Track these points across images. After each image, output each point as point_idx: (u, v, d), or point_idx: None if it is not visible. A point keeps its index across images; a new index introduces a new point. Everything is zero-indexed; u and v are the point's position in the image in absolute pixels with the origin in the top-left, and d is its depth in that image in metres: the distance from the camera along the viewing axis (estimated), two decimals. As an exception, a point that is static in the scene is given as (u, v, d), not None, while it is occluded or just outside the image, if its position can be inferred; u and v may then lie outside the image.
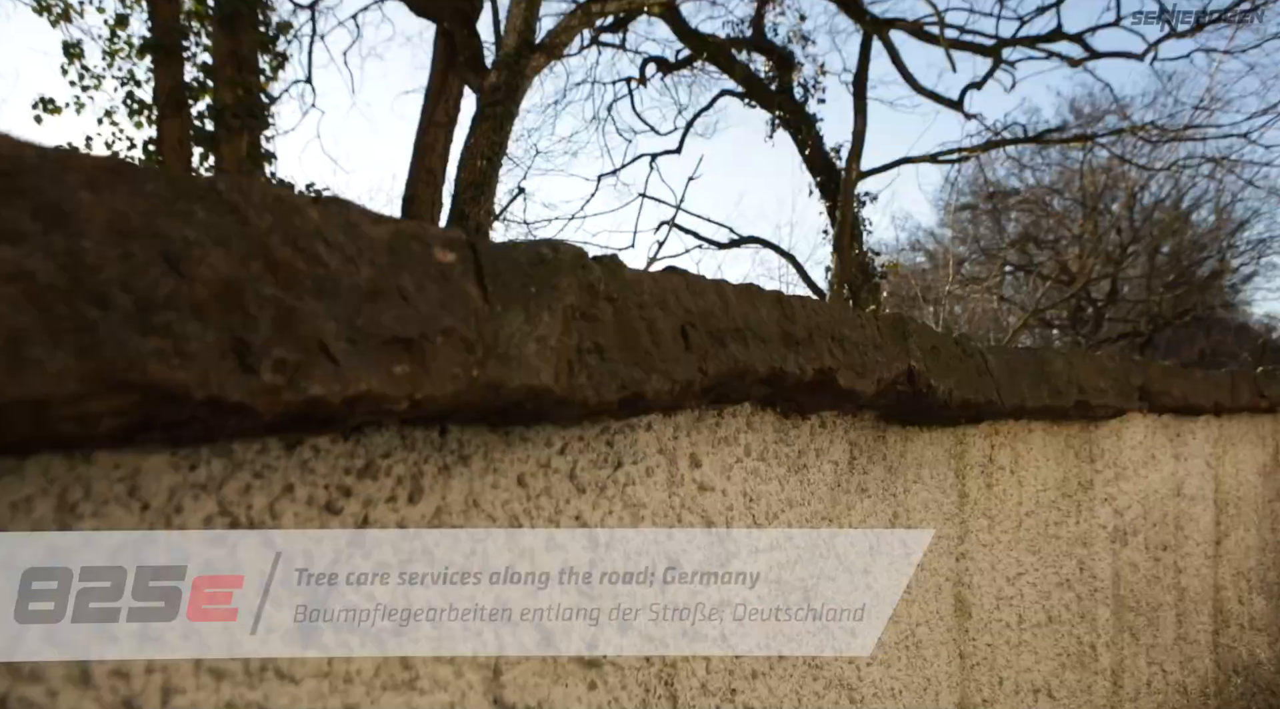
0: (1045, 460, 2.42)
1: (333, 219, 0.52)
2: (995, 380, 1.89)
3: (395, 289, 0.53)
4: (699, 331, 0.79)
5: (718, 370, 0.81)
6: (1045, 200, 29.03)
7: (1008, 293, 28.90)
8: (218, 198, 0.46)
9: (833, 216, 9.02)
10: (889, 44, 7.67)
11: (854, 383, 1.16)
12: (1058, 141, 10.10)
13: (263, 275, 0.47)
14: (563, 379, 0.64)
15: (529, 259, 0.64)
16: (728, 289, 0.87)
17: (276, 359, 0.46)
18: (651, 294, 0.75)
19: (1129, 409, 2.62)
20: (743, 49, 9.95)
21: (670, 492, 0.91)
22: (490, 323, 0.59)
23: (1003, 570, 2.23)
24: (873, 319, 1.24)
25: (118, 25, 6.51)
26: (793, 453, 1.24)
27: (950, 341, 1.53)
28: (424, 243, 0.57)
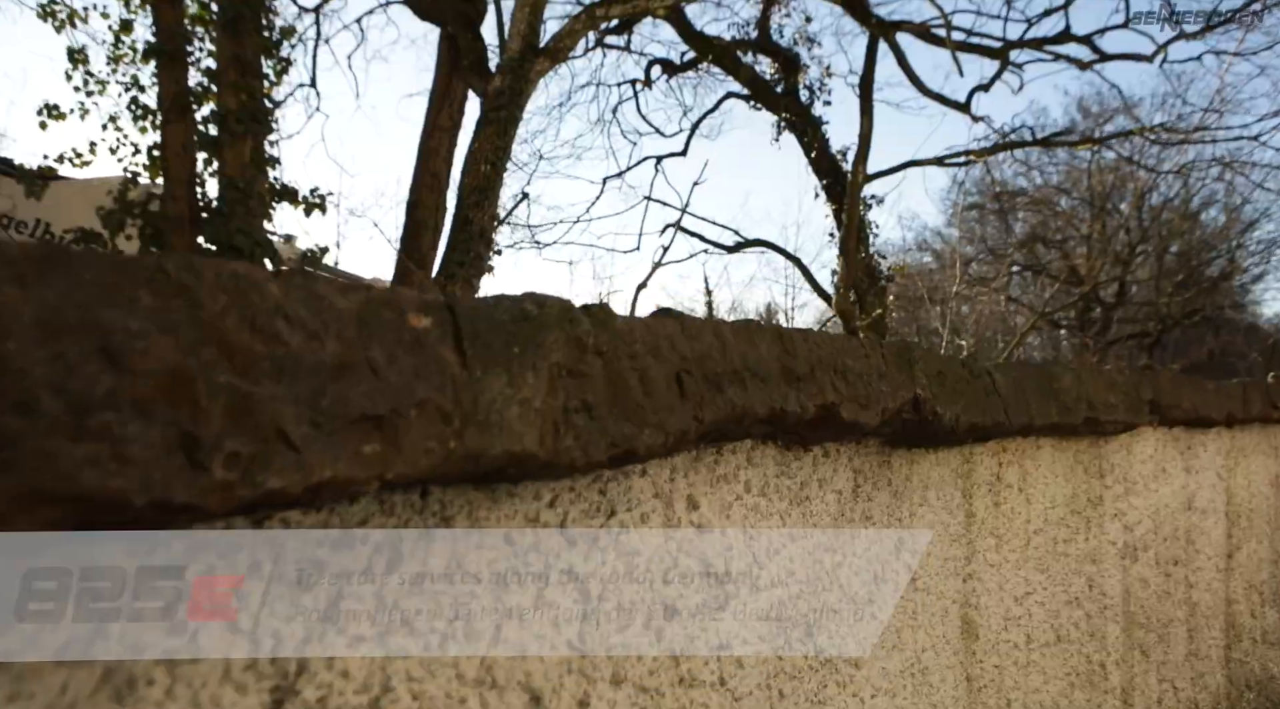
0: (1054, 477, 2.38)
1: (296, 293, 0.49)
2: (1003, 400, 1.85)
3: (364, 363, 0.50)
4: (694, 378, 0.76)
5: (714, 417, 0.78)
6: (1053, 200, 28.92)
7: (1015, 293, 28.80)
8: (166, 280, 0.43)
9: (839, 219, 8.97)
10: (895, 46, 7.63)
11: (857, 415, 1.13)
12: (1066, 144, 10.03)
13: (216, 361, 0.44)
14: (548, 442, 0.61)
15: (512, 316, 0.61)
16: (725, 329, 0.84)
17: (230, 453, 0.43)
18: (644, 342, 0.72)
19: (1139, 424, 2.58)
20: (748, 51, 9.91)
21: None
22: (469, 389, 0.56)
23: (1010, 590, 2.20)
24: (877, 347, 1.21)
25: (122, 31, 6.51)
26: (794, 485, 1.21)
27: (956, 365, 1.50)
28: (397, 310, 0.53)
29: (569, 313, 0.66)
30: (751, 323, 0.89)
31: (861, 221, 8.98)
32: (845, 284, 8.55)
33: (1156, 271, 25.59)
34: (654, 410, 0.71)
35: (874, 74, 8.13)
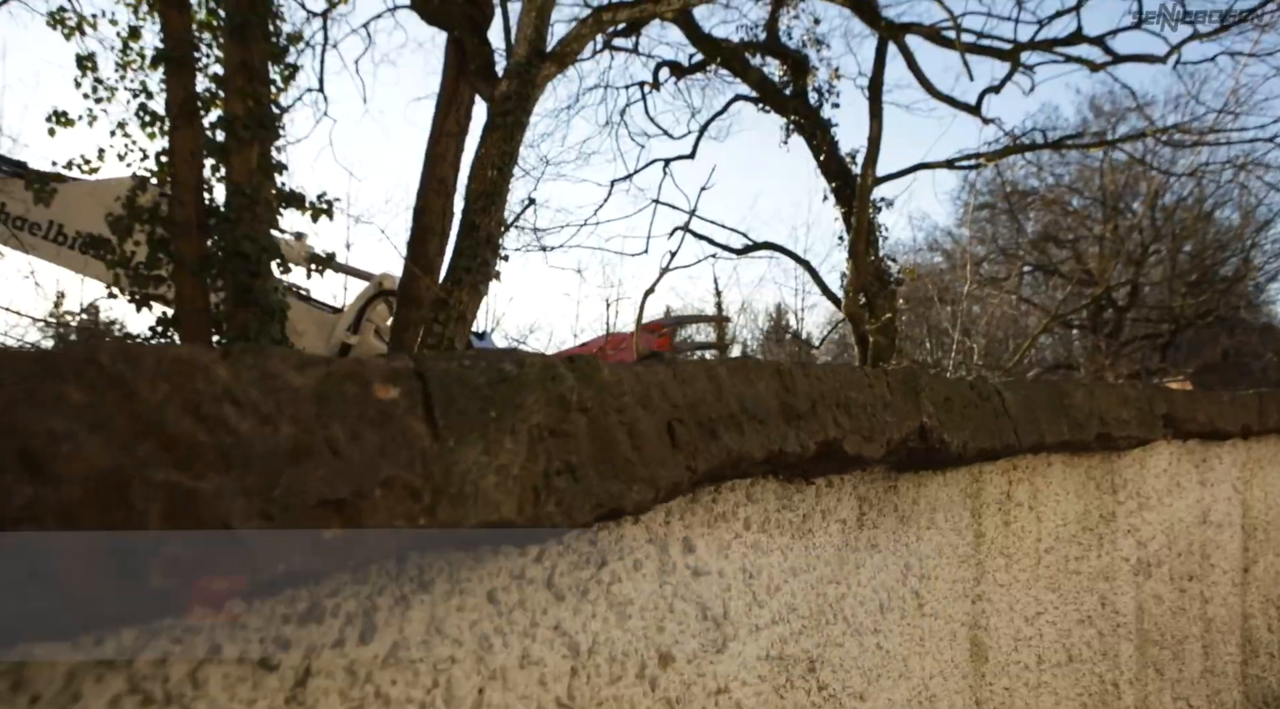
0: (1065, 494, 2.34)
1: (246, 374, 0.46)
2: (1013, 421, 1.81)
3: (324, 443, 0.47)
4: (687, 426, 0.73)
5: (709, 465, 0.75)
6: (1065, 200, 28.73)
7: (1027, 294, 28.64)
8: (99, 372, 0.40)
9: (848, 223, 8.91)
10: (905, 49, 7.55)
11: (861, 448, 1.09)
12: (1078, 147, 9.93)
13: (154, 457, 0.41)
14: (527, 510, 0.58)
15: (489, 378, 0.58)
16: (720, 371, 0.80)
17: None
18: (633, 392, 0.68)
19: (1153, 439, 2.53)
20: (756, 53, 9.84)
21: (661, 581, 0.85)
22: (441, 462, 0.53)
23: (1021, 610, 2.16)
24: (882, 376, 1.17)
25: (130, 37, 6.52)
26: (796, 518, 1.18)
27: (964, 388, 1.46)
28: (361, 382, 0.50)
29: (551, 370, 0.63)
30: (749, 361, 0.86)
31: (871, 225, 8.92)
32: (854, 287, 8.49)
33: (1170, 272, 25.38)
34: (644, 464, 0.68)
35: (883, 77, 8.08)
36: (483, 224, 5.90)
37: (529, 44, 6.13)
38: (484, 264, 5.80)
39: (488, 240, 5.88)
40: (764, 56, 9.93)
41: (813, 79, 9.60)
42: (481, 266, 5.81)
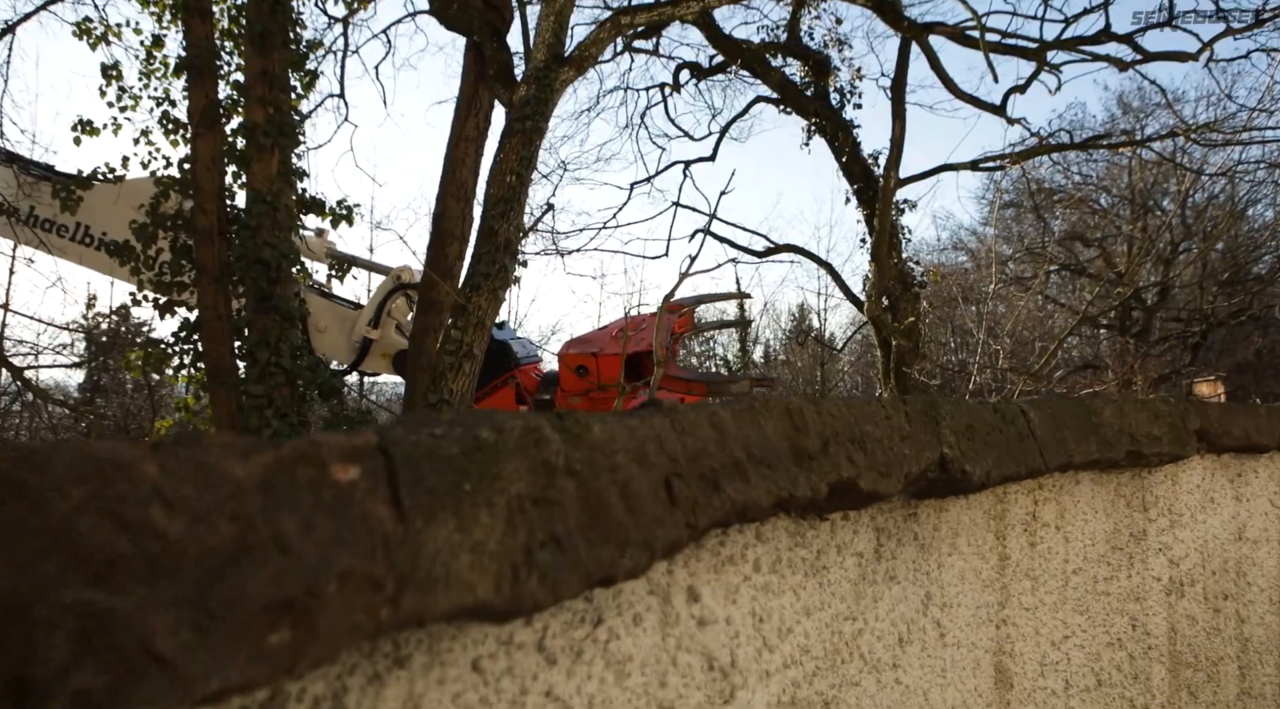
0: (1094, 512, 2.27)
1: (180, 468, 0.42)
2: (1039, 442, 1.75)
3: (270, 540, 0.43)
4: (687, 480, 0.68)
5: (710, 520, 0.70)
6: (1092, 198, 28.30)
7: (1053, 293, 28.26)
8: (1, 482, 0.37)
9: (870, 225, 8.79)
10: (928, 49, 7.43)
11: (876, 485, 1.04)
12: (1106, 147, 9.73)
13: (64, 574, 0.37)
14: (505, 589, 0.53)
15: (464, 448, 0.54)
16: (724, 416, 0.76)
17: (76, 691, 0.36)
18: (627, 449, 0.64)
19: (1185, 456, 2.44)
20: (777, 54, 9.75)
21: (663, 634, 0.81)
22: (407, 546, 0.49)
23: (1047, 634, 2.09)
24: (900, 407, 1.12)
25: (154, 46, 6.58)
26: (810, 555, 1.13)
27: (988, 413, 1.40)
28: (316, 464, 0.46)
29: (535, 433, 0.58)
30: (756, 402, 0.81)
31: (894, 227, 8.80)
32: (877, 291, 8.37)
33: (1201, 271, 24.91)
34: (638, 527, 0.63)
35: (906, 77, 7.95)
36: (501, 229, 5.88)
37: (547, 48, 6.10)
38: (502, 269, 5.79)
39: (506, 246, 5.87)
40: (785, 57, 9.84)
41: (834, 80, 9.50)
42: (500, 272, 5.80)
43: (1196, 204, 25.19)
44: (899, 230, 9.13)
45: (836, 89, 9.49)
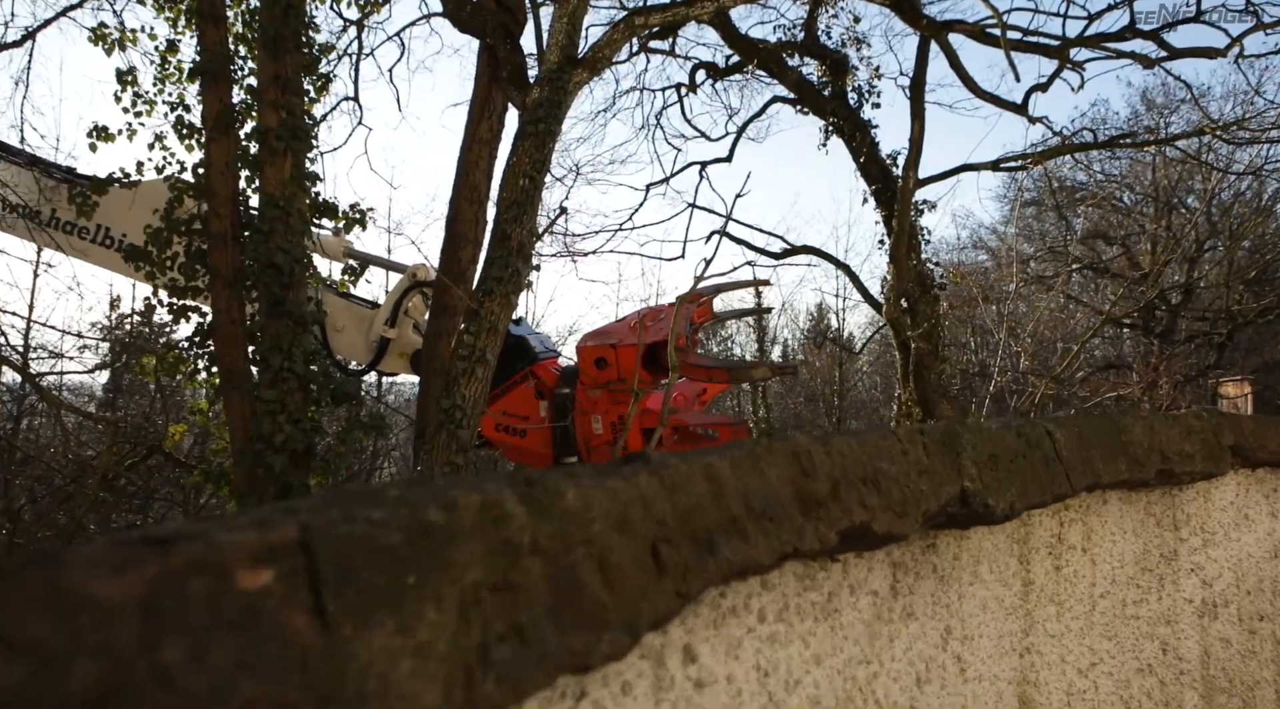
0: (1122, 533, 2.17)
1: (26, 599, 0.35)
2: (1065, 465, 1.66)
3: (150, 675, 0.36)
4: (676, 545, 0.61)
5: (705, 585, 0.63)
6: (1115, 196, 27.89)
7: (1075, 292, 27.94)
8: None
9: (889, 226, 8.66)
10: (947, 48, 7.29)
11: (892, 526, 0.97)
12: (1131, 146, 9.53)
13: None
14: (457, 695, 0.46)
15: (408, 535, 0.47)
16: (721, 467, 0.68)
17: None
18: (606, 515, 0.57)
19: (1219, 473, 2.34)
20: (794, 53, 9.63)
21: (657, 701, 0.74)
22: (332, 660, 0.42)
23: (1074, 662, 2.00)
24: (918, 438, 1.04)
25: (168, 51, 6.59)
26: (821, 598, 1.05)
27: (1012, 437, 1.32)
28: (216, 572, 0.39)
29: (495, 510, 0.51)
30: (758, 447, 0.74)
31: (913, 228, 8.67)
32: (895, 293, 8.24)
33: (1228, 269, 24.48)
34: (619, 604, 0.56)
35: (925, 76, 7.81)
36: (514, 233, 5.83)
37: (561, 50, 6.04)
38: (515, 274, 5.73)
39: (519, 250, 5.81)
40: (802, 57, 9.72)
41: (852, 79, 9.37)
42: (513, 277, 5.75)
43: (1223, 202, 24.78)
44: (918, 231, 8.99)
45: (854, 88, 9.36)
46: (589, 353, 7.32)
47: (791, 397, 30.41)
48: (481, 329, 5.69)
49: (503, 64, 6.59)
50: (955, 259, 30.99)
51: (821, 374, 29.91)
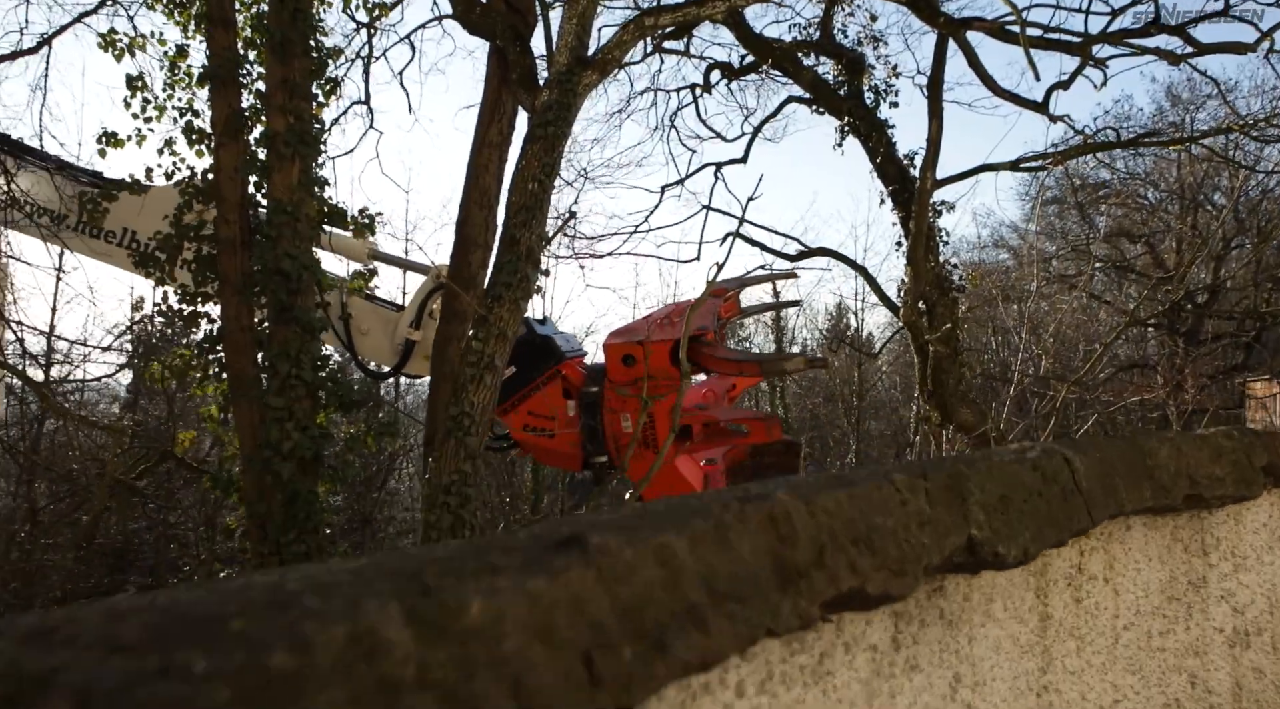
0: (1147, 561, 2.05)
1: None
2: (1085, 497, 1.55)
3: None
4: (616, 650, 0.51)
5: (650, 692, 0.54)
6: (1140, 193, 27.44)
7: (1098, 290, 27.53)
8: None
9: (906, 228, 8.50)
10: (965, 46, 7.13)
11: (888, 586, 0.87)
12: (1154, 145, 9.31)
13: None
14: None
15: (239, 690, 0.36)
16: (678, 547, 0.58)
17: None
18: (525, 626, 0.47)
19: (1251, 497, 2.21)
20: (810, 53, 9.48)
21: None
22: None
23: (1095, 699, 1.88)
24: (919, 485, 0.94)
25: (178, 57, 6.57)
26: (811, 660, 0.95)
27: (1027, 472, 1.21)
28: None
29: (367, 640, 0.41)
30: (728, 515, 0.65)
31: (931, 229, 8.50)
32: (913, 296, 8.09)
33: (1255, 268, 24.01)
34: (536, 732, 0.47)
35: (943, 74, 7.65)
36: (523, 238, 5.75)
37: (570, 52, 5.96)
38: (524, 279, 5.66)
39: (528, 255, 5.73)
40: (818, 56, 9.57)
41: (868, 78, 9.22)
42: (521, 282, 5.67)
43: (1250, 198, 24.31)
44: (936, 233, 8.82)
45: (870, 88, 9.20)
46: (616, 350, 7.19)
47: (810, 396, 30.18)
48: (490, 335, 5.61)
49: (512, 66, 6.52)
50: (976, 258, 30.62)
51: (840, 374, 29.65)
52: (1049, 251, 28.49)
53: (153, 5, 6.39)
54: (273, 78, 5.90)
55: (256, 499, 5.73)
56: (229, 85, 6.16)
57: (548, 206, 5.98)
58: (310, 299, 5.86)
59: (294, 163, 5.82)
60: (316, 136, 5.91)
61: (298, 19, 5.80)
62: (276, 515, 5.60)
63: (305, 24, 5.85)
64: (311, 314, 5.74)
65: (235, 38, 6.27)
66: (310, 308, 5.80)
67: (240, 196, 6.08)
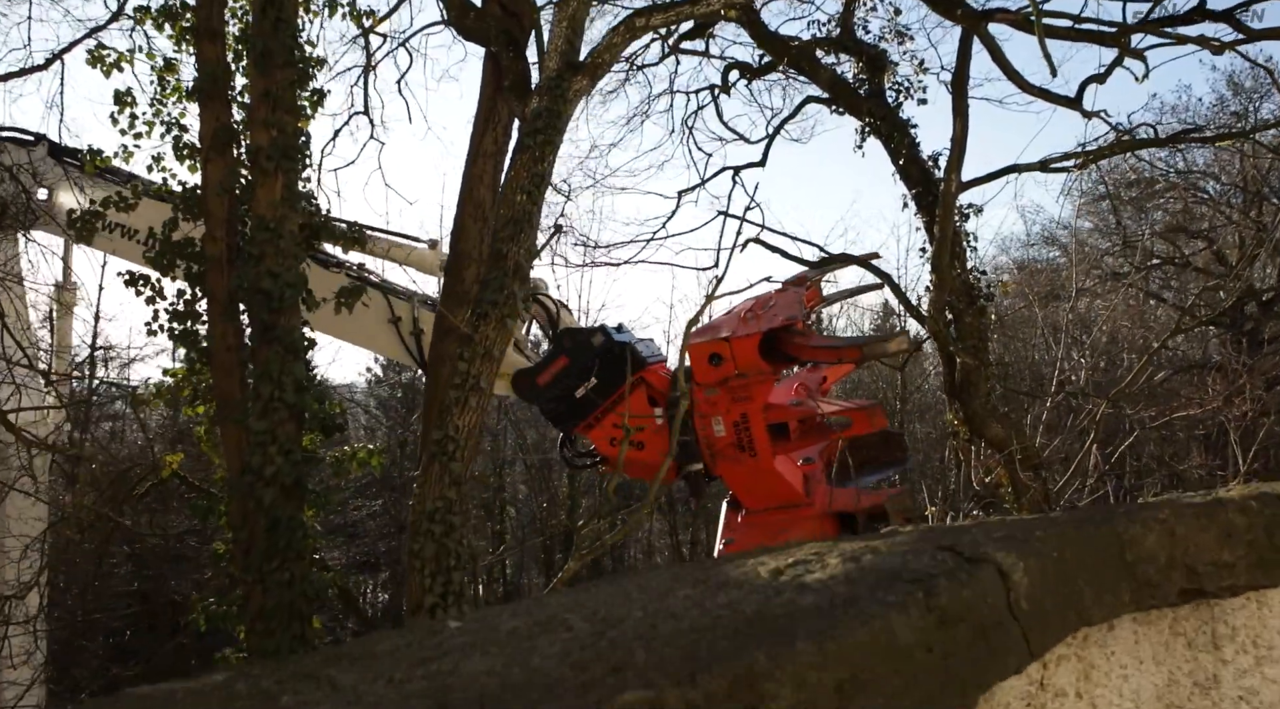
0: (1136, 663, 1.69)
1: None
2: (1023, 622, 1.20)
3: None
4: None
5: None
6: (1198, 186, 26.25)
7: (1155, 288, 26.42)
8: None
9: (931, 233, 8.06)
10: (988, 40, 6.66)
11: None
12: (1196, 140, 8.67)
13: None
14: None
15: None
16: None
17: None
18: None
19: (1274, 585, 1.82)
20: (830, 50, 9.07)
21: None
22: None
23: None
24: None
25: (166, 71, 6.46)
26: None
27: (905, 625, 0.89)
28: None
29: None
30: None
31: (956, 234, 8.04)
32: (937, 306, 7.63)
33: (1323, 264, 22.73)
34: None
35: (968, 71, 7.20)
36: (510, 252, 5.50)
37: (561, 56, 5.69)
38: (510, 296, 5.40)
39: (515, 270, 5.48)
40: (837, 54, 9.16)
41: (890, 75, 8.77)
42: (509, 299, 5.41)
43: (1318, 192, 23.07)
44: (963, 237, 8.35)
45: (892, 86, 8.75)
46: (701, 350, 6.81)
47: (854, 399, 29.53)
48: (475, 355, 5.37)
49: (506, 72, 6.28)
50: (1025, 256, 29.61)
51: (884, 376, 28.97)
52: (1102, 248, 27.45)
53: (141, 20, 6.28)
54: (255, 90, 5.73)
55: (240, 526, 5.56)
56: (217, 99, 6.02)
57: (538, 220, 5.72)
58: (295, 318, 5.67)
59: (277, 178, 5.64)
60: (300, 151, 5.72)
61: (280, 29, 5.62)
62: (259, 543, 5.43)
63: (288, 34, 5.67)
64: (295, 334, 5.54)
65: (224, 50, 6.12)
66: (294, 327, 5.61)
67: (228, 213, 5.93)
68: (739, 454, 6.82)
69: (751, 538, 7.02)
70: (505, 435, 30.16)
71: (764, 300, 7.64)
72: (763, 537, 6.89)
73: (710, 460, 6.95)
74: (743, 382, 6.65)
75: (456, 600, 5.29)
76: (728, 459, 6.90)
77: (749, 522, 7.17)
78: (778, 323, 6.93)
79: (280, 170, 5.66)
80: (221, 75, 6.03)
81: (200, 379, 6.18)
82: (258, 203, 5.68)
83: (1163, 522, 1.60)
